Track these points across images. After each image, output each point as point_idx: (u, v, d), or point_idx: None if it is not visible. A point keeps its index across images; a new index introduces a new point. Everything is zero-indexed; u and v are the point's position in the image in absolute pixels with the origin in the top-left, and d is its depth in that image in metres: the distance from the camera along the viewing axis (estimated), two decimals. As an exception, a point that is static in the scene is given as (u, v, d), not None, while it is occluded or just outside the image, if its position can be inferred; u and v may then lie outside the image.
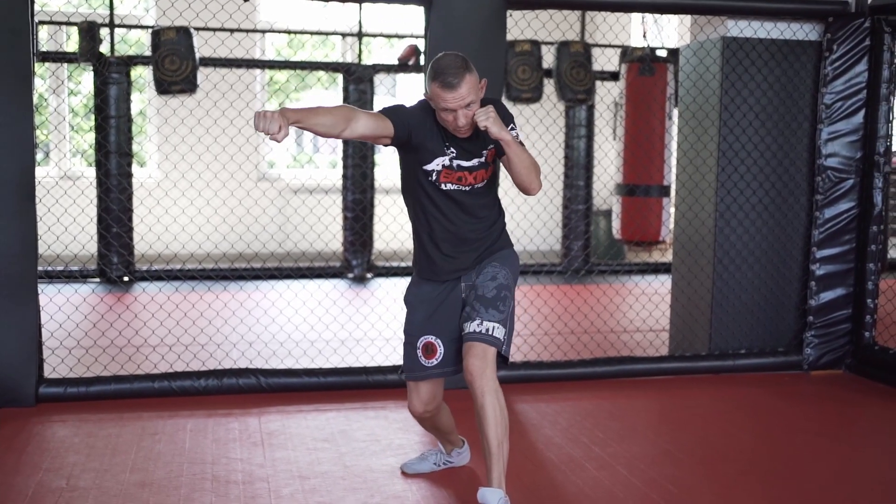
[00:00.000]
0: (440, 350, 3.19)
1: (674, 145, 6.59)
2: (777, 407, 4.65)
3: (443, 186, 3.08)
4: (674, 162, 6.10)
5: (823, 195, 5.16)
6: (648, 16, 6.96)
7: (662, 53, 7.06)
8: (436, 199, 3.10)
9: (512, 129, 2.98)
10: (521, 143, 3.01)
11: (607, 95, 9.97)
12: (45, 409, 4.30)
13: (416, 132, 3.02)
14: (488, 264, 3.15)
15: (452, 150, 3.06)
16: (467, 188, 3.11)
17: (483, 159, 3.09)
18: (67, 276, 8.05)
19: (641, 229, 6.61)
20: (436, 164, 3.06)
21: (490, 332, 3.02)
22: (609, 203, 10.35)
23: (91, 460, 3.65)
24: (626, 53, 7.57)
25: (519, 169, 2.98)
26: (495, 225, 3.20)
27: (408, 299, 3.27)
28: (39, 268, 4.43)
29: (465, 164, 3.07)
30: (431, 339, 3.20)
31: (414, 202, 3.16)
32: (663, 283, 7.48)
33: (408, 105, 3.11)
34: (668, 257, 9.49)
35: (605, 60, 9.61)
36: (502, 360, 3.11)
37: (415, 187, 3.13)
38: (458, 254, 3.16)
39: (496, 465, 3.01)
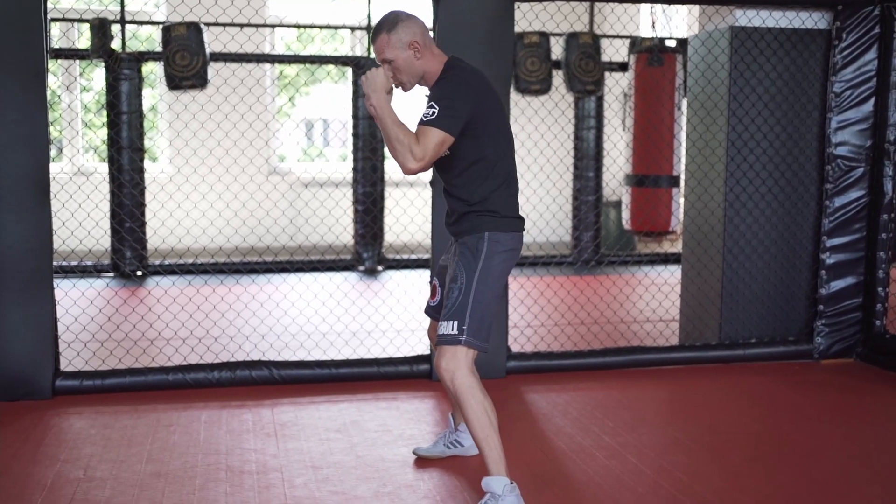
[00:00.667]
0: (438, 295, 3.38)
1: (683, 135, 6.59)
2: (787, 396, 4.66)
3: None
4: (683, 152, 6.10)
5: (833, 184, 5.17)
6: (657, 6, 6.96)
7: (671, 44, 7.06)
8: None
9: (431, 105, 3.00)
10: (434, 120, 2.97)
11: (616, 86, 9.97)
12: (61, 402, 4.36)
13: None
14: (453, 257, 3.23)
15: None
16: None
17: None
18: (82, 271, 8.11)
19: (651, 220, 6.62)
20: None
21: (441, 332, 3.10)
22: (619, 194, 10.35)
23: (107, 451, 3.70)
24: (635, 44, 7.57)
25: (384, 141, 3.05)
26: (473, 209, 3.15)
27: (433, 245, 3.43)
28: (54, 263, 4.46)
29: None
30: (435, 281, 3.42)
31: None
32: (673, 273, 7.50)
33: None
34: (678, 247, 9.50)
35: (613, 51, 9.60)
36: (480, 349, 3.12)
37: None
38: (446, 218, 3.30)
39: (488, 455, 3.07)
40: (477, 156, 3.12)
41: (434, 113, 2.98)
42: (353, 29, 9.42)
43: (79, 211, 7.40)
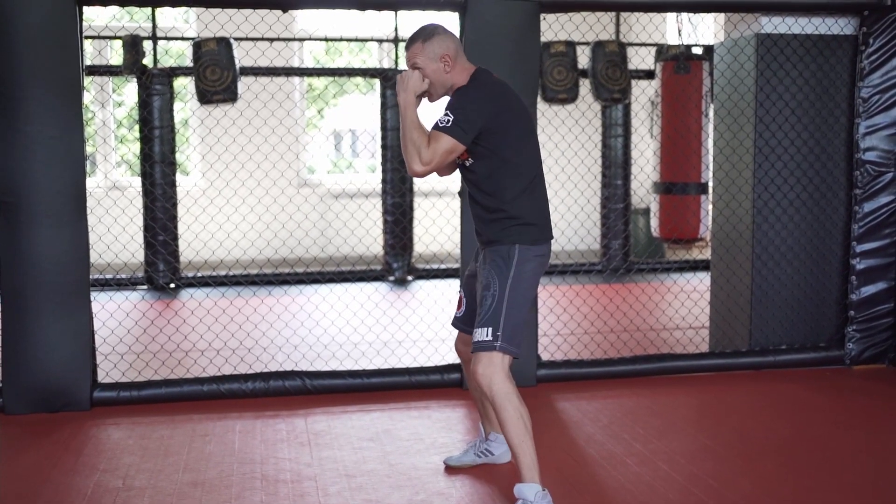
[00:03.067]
0: (463, 306, 3.47)
1: (710, 142, 6.59)
2: (818, 402, 4.65)
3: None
4: (711, 159, 6.11)
5: (862, 189, 5.16)
6: (683, 14, 6.97)
7: (697, 51, 7.07)
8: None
9: (446, 113, 3.09)
10: (448, 127, 3.05)
11: (643, 94, 9.98)
12: (99, 413, 4.44)
13: None
14: (482, 265, 3.27)
15: None
16: (460, 162, 3.25)
17: None
18: (117, 284, 8.24)
19: (680, 227, 6.62)
20: None
21: (477, 339, 3.15)
22: (647, 201, 10.34)
23: (145, 461, 3.77)
24: (661, 52, 7.58)
25: (401, 139, 3.13)
26: (495, 216, 3.20)
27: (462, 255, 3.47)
28: (91, 276, 4.56)
29: None
30: (462, 293, 3.50)
31: None
32: (702, 280, 7.48)
33: None
34: (706, 254, 9.47)
35: (639, 59, 9.61)
36: (513, 355, 3.17)
37: None
38: (475, 225, 3.34)
39: (522, 462, 3.12)
40: (498, 163, 3.18)
41: (448, 121, 3.07)
42: (380, 41, 9.50)
43: (114, 225, 7.52)
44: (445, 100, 3.27)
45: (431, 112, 3.31)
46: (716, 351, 5.36)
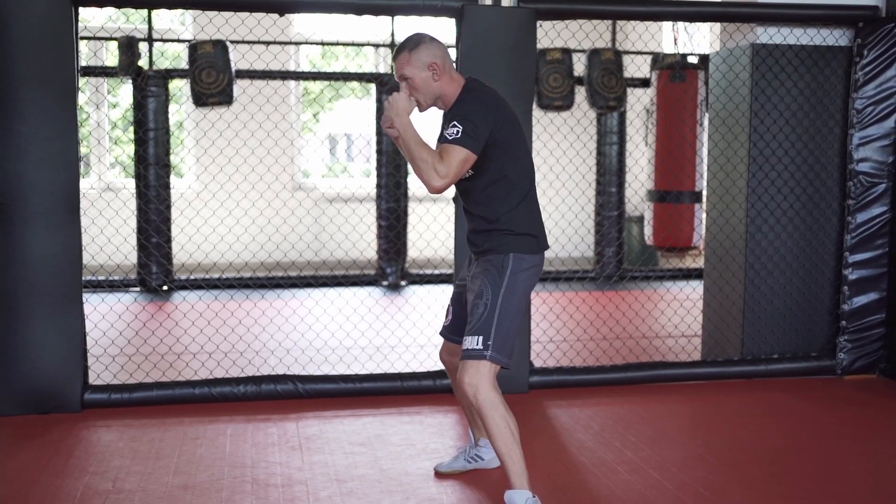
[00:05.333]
0: (450, 316, 3.47)
1: (705, 151, 6.61)
2: (809, 412, 4.66)
3: None
4: (705, 168, 6.12)
5: (855, 200, 5.17)
6: (679, 23, 6.99)
7: (693, 60, 7.09)
8: None
9: (453, 125, 3.06)
10: (458, 139, 3.03)
11: (638, 102, 10.01)
12: (90, 415, 4.43)
13: None
14: (475, 275, 3.25)
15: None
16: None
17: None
18: (110, 286, 8.22)
19: (673, 235, 6.63)
20: None
21: (466, 346, 3.14)
22: (641, 209, 10.36)
23: (136, 464, 3.76)
24: (657, 60, 7.61)
25: (407, 158, 3.12)
26: (492, 227, 3.21)
27: (456, 263, 3.52)
28: (84, 278, 4.55)
29: None
30: (450, 303, 3.50)
31: None
32: (695, 288, 7.49)
33: None
34: (700, 263, 9.49)
35: (635, 68, 9.64)
36: (503, 366, 3.17)
37: None
38: (468, 234, 3.34)
39: (511, 469, 3.12)
40: (498, 175, 3.18)
41: (458, 132, 3.04)
42: (376, 46, 9.51)
43: (107, 227, 7.51)
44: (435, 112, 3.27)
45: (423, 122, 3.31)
46: (708, 359, 5.37)
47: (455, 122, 3.07)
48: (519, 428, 3.15)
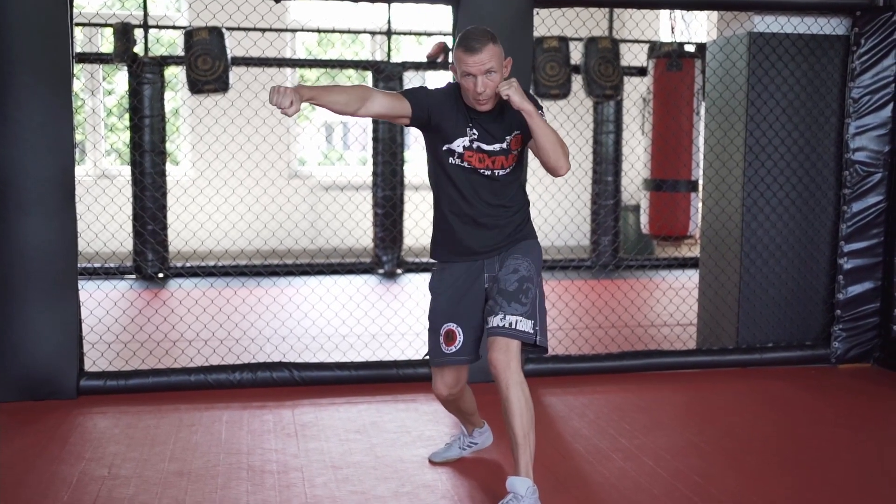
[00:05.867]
0: (459, 338, 3.22)
1: (701, 140, 6.61)
2: (804, 400, 4.68)
3: (464, 166, 3.13)
4: (701, 157, 6.12)
5: (851, 189, 5.18)
6: (676, 11, 6.98)
7: (690, 49, 7.08)
8: (455, 179, 3.15)
9: (539, 110, 3.03)
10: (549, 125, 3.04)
11: (635, 91, 9.99)
12: (86, 402, 4.43)
13: (435, 112, 3.09)
14: (509, 256, 3.17)
15: (475, 131, 3.10)
16: (487, 173, 3.13)
17: (505, 145, 3.12)
18: (105, 273, 8.22)
19: (669, 224, 6.63)
20: (456, 145, 3.11)
21: (513, 326, 3.06)
22: (637, 198, 10.36)
23: (131, 450, 3.77)
24: (654, 49, 7.60)
25: (544, 144, 3.00)
26: (516, 215, 3.22)
27: (432, 286, 3.32)
28: (79, 265, 4.54)
29: (486, 147, 3.11)
30: (452, 326, 3.24)
31: (436, 180, 3.22)
32: (691, 277, 7.51)
33: (433, 87, 3.19)
34: (696, 252, 9.50)
35: (632, 56, 9.62)
36: (542, 351, 3.17)
37: (436, 166, 3.20)
38: (472, 237, 3.20)
39: (523, 455, 3.07)
40: (521, 167, 3.24)
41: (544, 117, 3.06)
42: (373, 34, 9.49)
43: (103, 214, 7.50)
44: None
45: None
46: (703, 348, 5.38)
47: (539, 108, 3.05)
48: None
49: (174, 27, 9.01)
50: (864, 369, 5.23)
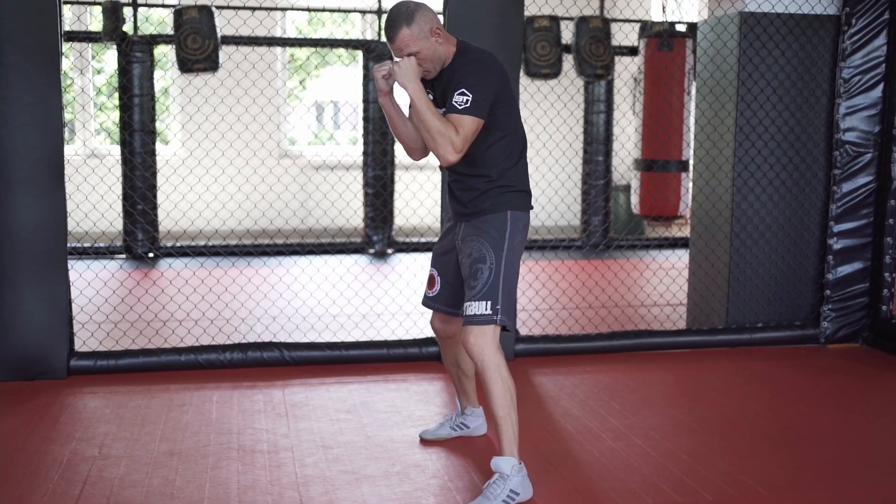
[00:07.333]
0: (437, 285, 3.43)
1: (692, 120, 6.61)
2: (793, 380, 4.70)
3: None
4: (692, 137, 6.12)
5: (841, 169, 5.19)
6: (667, -9, 6.95)
7: (681, 28, 7.07)
8: None
9: (462, 92, 2.99)
10: (468, 108, 2.98)
11: (626, 71, 9.97)
12: (76, 381, 4.43)
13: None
14: (468, 237, 3.20)
15: (431, 95, 3.16)
16: None
17: (444, 111, 3.09)
18: (95, 253, 8.19)
19: (660, 204, 6.65)
20: None
21: (474, 312, 3.09)
22: (628, 178, 10.37)
23: (122, 430, 3.77)
24: (645, 28, 7.58)
25: (419, 126, 3.04)
26: (483, 183, 3.17)
27: (442, 230, 3.43)
28: (68, 245, 4.52)
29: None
30: (434, 272, 3.46)
31: None
32: (681, 257, 7.53)
33: None
34: (686, 232, 9.52)
35: (623, 36, 9.60)
36: (503, 328, 3.16)
37: None
38: (452, 199, 3.31)
39: (505, 434, 3.10)
40: (500, 133, 3.15)
41: (468, 101, 2.99)
42: (363, 12, 9.44)
43: (92, 193, 7.47)
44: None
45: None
46: (693, 328, 5.40)
47: (463, 90, 2.99)
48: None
49: (163, 6, 8.93)
50: (853, 349, 5.25)
